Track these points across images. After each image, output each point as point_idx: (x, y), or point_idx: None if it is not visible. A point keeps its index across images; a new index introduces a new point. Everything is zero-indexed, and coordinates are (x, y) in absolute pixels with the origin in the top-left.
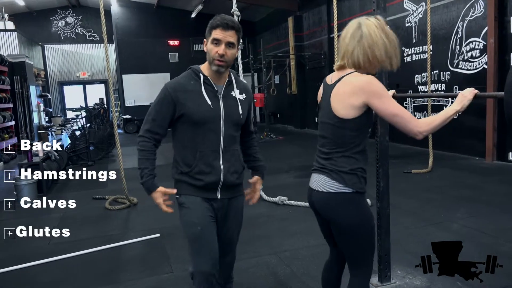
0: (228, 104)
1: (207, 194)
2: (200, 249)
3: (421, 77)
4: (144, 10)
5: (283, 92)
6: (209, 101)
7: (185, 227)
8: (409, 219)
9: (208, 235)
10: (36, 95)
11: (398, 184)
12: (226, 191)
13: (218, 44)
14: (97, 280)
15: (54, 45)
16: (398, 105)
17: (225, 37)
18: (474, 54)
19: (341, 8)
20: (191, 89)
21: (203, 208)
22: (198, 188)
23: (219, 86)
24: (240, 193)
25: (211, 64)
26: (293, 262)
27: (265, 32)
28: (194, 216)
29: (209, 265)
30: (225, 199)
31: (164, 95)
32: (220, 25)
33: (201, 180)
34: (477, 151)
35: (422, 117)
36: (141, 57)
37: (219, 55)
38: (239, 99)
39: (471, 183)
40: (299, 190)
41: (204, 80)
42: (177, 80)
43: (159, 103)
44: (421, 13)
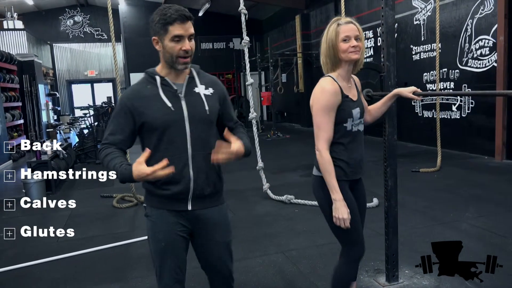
0: (192, 103)
1: (176, 205)
2: (162, 266)
3: (429, 75)
4: (152, 8)
5: (290, 91)
6: (168, 103)
7: (150, 241)
8: (417, 219)
9: (172, 252)
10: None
11: (406, 183)
12: (199, 201)
13: (180, 40)
14: (105, 277)
15: (63, 44)
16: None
17: (186, 31)
18: (484, 52)
19: (348, 6)
20: (147, 95)
21: (169, 223)
22: (166, 199)
23: (178, 84)
24: (218, 203)
25: (175, 64)
26: (300, 261)
27: (272, 30)
28: (158, 231)
29: (171, 282)
30: (198, 210)
31: (121, 106)
32: (178, 18)
33: (168, 190)
34: (486, 150)
35: (429, 115)
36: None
37: (184, 51)
38: (205, 94)
39: (480, 182)
40: (306, 189)
41: (161, 81)
42: (132, 88)
43: (116, 115)
44: (430, 11)
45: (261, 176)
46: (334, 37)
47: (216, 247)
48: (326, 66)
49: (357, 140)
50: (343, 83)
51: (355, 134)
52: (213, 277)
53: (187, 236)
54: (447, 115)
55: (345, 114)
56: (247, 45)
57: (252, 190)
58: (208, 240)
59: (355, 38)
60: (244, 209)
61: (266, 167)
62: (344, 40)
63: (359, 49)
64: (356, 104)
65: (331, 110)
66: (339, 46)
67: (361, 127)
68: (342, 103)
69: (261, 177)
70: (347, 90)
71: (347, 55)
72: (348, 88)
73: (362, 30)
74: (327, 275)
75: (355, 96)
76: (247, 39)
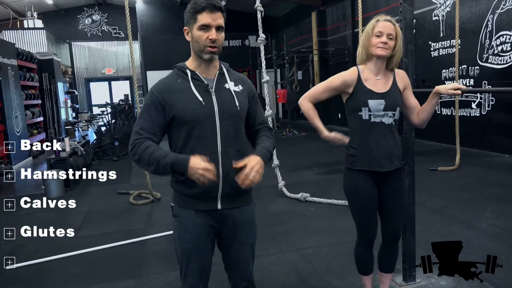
0: (222, 98)
1: (205, 205)
2: (188, 267)
3: (448, 72)
4: (168, 6)
5: (306, 88)
6: (200, 97)
7: (176, 241)
8: (435, 218)
9: (199, 253)
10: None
11: (424, 182)
12: (229, 200)
13: (208, 30)
14: (121, 273)
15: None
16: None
17: (214, 20)
18: (505, 48)
19: (365, 3)
20: (178, 88)
21: (197, 224)
22: (194, 199)
23: (209, 79)
24: (248, 202)
25: (202, 53)
26: (315, 259)
27: (288, 27)
28: (185, 232)
29: (196, 283)
30: (228, 209)
31: (151, 100)
32: (207, 7)
33: (196, 188)
34: (506, 148)
35: (448, 113)
36: (165, 53)
37: (211, 40)
38: (235, 91)
39: (500, 181)
40: (321, 187)
41: (192, 75)
42: (162, 82)
43: (147, 109)
44: (449, 6)
45: (277, 174)
46: (370, 31)
47: (241, 247)
48: (360, 57)
49: (379, 131)
50: (368, 75)
51: (374, 125)
52: (234, 277)
53: (214, 237)
54: (466, 112)
55: (358, 103)
56: (263, 42)
57: (268, 188)
58: (234, 240)
59: (387, 35)
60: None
61: (281, 165)
62: (377, 35)
63: (388, 47)
64: (380, 96)
65: (332, 89)
66: (372, 40)
67: (387, 120)
68: (356, 91)
69: (277, 175)
70: (371, 82)
71: (375, 50)
72: (374, 81)
73: (400, 32)
74: (342, 274)
75: (382, 89)
76: (263, 37)
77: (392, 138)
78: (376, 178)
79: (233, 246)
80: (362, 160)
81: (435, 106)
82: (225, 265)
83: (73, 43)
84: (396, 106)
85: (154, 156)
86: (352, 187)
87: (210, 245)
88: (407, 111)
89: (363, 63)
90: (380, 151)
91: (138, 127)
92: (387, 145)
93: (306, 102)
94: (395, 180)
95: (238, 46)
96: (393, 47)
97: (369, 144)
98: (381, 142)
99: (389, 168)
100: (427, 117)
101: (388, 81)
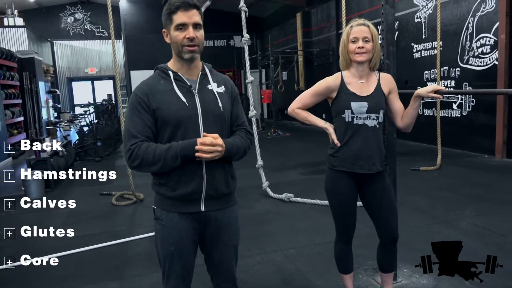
0: (205, 99)
1: (188, 207)
2: (170, 269)
3: (430, 74)
4: (152, 6)
5: (290, 89)
6: (183, 99)
7: (159, 244)
8: (417, 217)
9: (181, 256)
10: (45, 91)
11: (406, 182)
12: (212, 202)
13: (184, 28)
14: (104, 275)
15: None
16: (306, 92)
17: (190, 18)
18: (485, 50)
19: (350, 4)
20: (161, 89)
21: (180, 227)
22: (177, 201)
23: (192, 80)
24: (231, 203)
25: (181, 54)
26: (299, 259)
27: (273, 28)
28: (168, 235)
29: (178, 286)
30: (211, 212)
31: (137, 102)
32: (181, 6)
33: (180, 190)
34: (486, 149)
35: (430, 113)
36: (149, 53)
37: (188, 39)
38: (218, 92)
39: (480, 181)
40: (305, 187)
41: (175, 76)
42: (145, 83)
43: (135, 112)
44: (431, 8)
45: (261, 174)
46: (345, 38)
47: (224, 249)
48: (341, 64)
49: (362, 134)
50: (352, 79)
51: (357, 127)
52: (217, 279)
53: (197, 239)
54: (447, 113)
55: (342, 105)
56: (247, 42)
57: (252, 188)
58: (217, 242)
59: (363, 39)
60: (243, 207)
61: (265, 165)
62: (353, 41)
63: (366, 51)
64: (363, 99)
65: (318, 94)
66: (349, 47)
67: (371, 122)
68: (339, 94)
69: (261, 175)
70: (354, 85)
71: (353, 56)
72: (357, 84)
73: (376, 32)
74: (325, 274)
75: (365, 92)
76: (247, 37)
77: (376, 141)
78: (357, 180)
79: (216, 248)
80: (343, 161)
81: (418, 109)
82: (208, 267)
83: (55, 41)
84: (380, 109)
85: (158, 152)
86: (332, 187)
87: (193, 247)
88: (392, 115)
89: (346, 69)
90: (362, 153)
91: (131, 131)
92: (370, 148)
93: (296, 108)
94: (377, 182)
95: (223, 46)
96: (371, 49)
97: (350, 145)
98: (363, 144)
99: (370, 170)
100: (411, 120)
101: (371, 84)
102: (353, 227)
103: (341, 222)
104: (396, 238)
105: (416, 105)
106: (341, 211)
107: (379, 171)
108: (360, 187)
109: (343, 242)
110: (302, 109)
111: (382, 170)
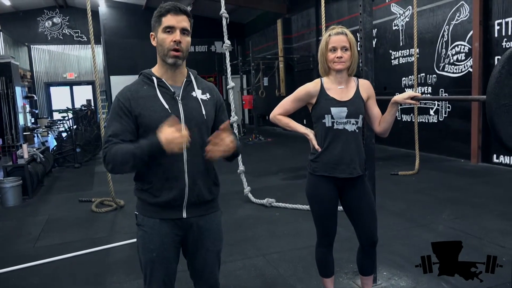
0: (189, 106)
1: (170, 213)
2: (152, 276)
3: (408, 80)
4: (133, 11)
5: (272, 94)
6: (166, 105)
7: (141, 250)
8: (395, 221)
9: (163, 262)
10: (22, 96)
11: (385, 186)
12: (194, 208)
13: (172, 32)
14: (84, 283)
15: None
16: (287, 98)
17: (178, 22)
18: (460, 57)
19: (329, 11)
20: (145, 95)
21: (162, 233)
22: (159, 207)
23: (176, 87)
24: (213, 210)
25: (165, 57)
26: (281, 264)
27: (254, 34)
28: (150, 241)
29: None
30: (193, 218)
31: (119, 107)
32: (171, 9)
33: (162, 197)
34: (462, 153)
35: (408, 119)
36: (130, 58)
37: (175, 42)
38: (202, 99)
39: (457, 185)
40: (287, 192)
41: (158, 82)
42: (128, 88)
43: (114, 117)
44: (408, 17)
45: (242, 180)
46: (324, 47)
47: (207, 255)
48: (321, 71)
49: (342, 138)
50: (331, 85)
51: (337, 132)
52: (200, 284)
53: (179, 245)
54: (425, 119)
55: (321, 110)
56: (228, 48)
57: (233, 194)
58: (200, 247)
59: (341, 48)
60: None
61: (247, 171)
62: (331, 51)
63: (345, 60)
64: (342, 104)
65: (298, 100)
66: (327, 56)
67: (350, 127)
68: (319, 100)
69: (242, 180)
70: (334, 91)
71: (332, 65)
72: (336, 90)
73: (354, 39)
74: (306, 278)
75: (345, 98)
76: (228, 43)
77: (355, 146)
78: (337, 184)
79: (199, 253)
80: (323, 166)
81: (395, 115)
82: (190, 272)
83: (32, 46)
84: (359, 114)
85: (125, 151)
86: (313, 192)
87: (175, 253)
88: (370, 120)
89: (325, 75)
90: (342, 157)
91: (108, 134)
92: (350, 152)
93: (277, 114)
94: (358, 186)
95: (204, 51)
96: (349, 58)
97: (331, 150)
98: (343, 149)
99: (350, 174)
100: (388, 126)
101: (350, 90)
102: (334, 231)
103: (322, 226)
104: (376, 241)
105: (393, 111)
106: (322, 215)
107: (360, 175)
108: (341, 192)
109: (324, 246)
110: (283, 115)
111: (362, 175)
